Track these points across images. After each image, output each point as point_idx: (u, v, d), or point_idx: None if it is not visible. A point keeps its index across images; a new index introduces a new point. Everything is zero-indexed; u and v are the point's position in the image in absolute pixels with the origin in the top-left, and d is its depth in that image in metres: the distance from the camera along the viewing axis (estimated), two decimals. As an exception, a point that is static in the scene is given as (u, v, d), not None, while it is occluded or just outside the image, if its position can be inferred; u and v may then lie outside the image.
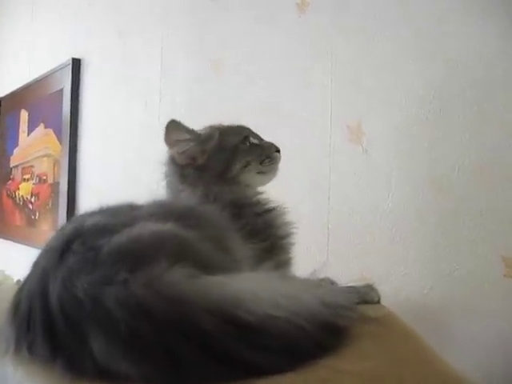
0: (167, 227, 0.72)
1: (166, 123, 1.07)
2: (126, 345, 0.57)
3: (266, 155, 1.12)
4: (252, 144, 1.12)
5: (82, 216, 0.81)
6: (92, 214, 0.80)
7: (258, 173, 1.11)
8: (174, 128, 1.07)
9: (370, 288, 1.04)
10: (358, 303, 0.95)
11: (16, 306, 0.67)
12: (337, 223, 1.41)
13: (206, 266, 0.67)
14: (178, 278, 0.62)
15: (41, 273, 0.66)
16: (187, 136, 1.09)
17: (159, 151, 2.11)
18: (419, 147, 1.24)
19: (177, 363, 0.56)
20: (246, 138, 1.11)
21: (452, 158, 1.17)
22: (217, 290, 0.62)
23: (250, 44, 1.73)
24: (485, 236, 1.11)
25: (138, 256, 0.64)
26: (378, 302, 1.03)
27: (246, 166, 1.09)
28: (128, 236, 0.67)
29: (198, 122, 1.97)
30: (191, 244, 0.72)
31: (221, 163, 1.08)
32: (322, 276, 1.09)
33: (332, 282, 1.09)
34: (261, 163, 1.11)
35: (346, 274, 1.29)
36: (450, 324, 1.19)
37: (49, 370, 0.62)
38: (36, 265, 0.70)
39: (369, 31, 1.36)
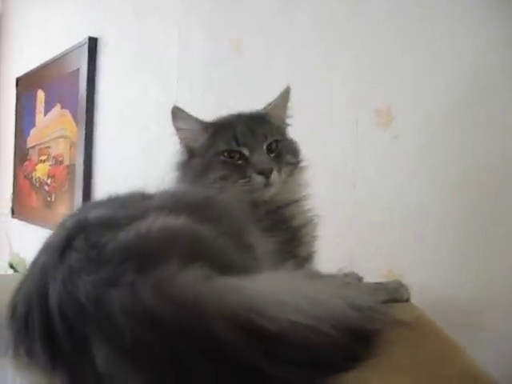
0: (180, 222, 0.65)
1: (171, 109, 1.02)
2: (131, 355, 0.51)
3: (243, 175, 0.95)
4: (233, 158, 0.97)
5: (86, 207, 0.75)
6: (98, 204, 0.73)
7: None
8: (176, 115, 1.01)
9: (399, 285, 0.97)
10: (387, 301, 0.89)
11: (13, 308, 0.61)
12: (362, 213, 1.33)
13: (223, 266, 0.60)
14: (192, 281, 0.55)
15: (39, 272, 0.60)
16: (186, 125, 1.02)
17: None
18: (454, 137, 1.16)
19: (188, 377, 0.50)
20: (227, 151, 0.97)
21: (489, 152, 1.09)
22: (234, 294, 0.55)
23: (272, 23, 1.65)
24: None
25: (147, 254, 0.58)
26: (408, 300, 0.96)
27: (222, 179, 0.96)
28: (136, 231, 0.61)
29: (215, 104, 1.93)
30: (207, 241, 0.65)
31: (199, 167, 0.99)
32: (347, 270, 1.03)
33: (359, 278, 1.03)
34: (236, 182, 0.96)
35: (371, 268, 1.22)
36: (482, 323, 1.11)
37: (49, 377, 0.56)
38: (35, 264, 0.64)
39: (400, 6, 1.27)
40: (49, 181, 3.17)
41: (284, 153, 1.01)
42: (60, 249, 0.61)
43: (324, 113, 1.44)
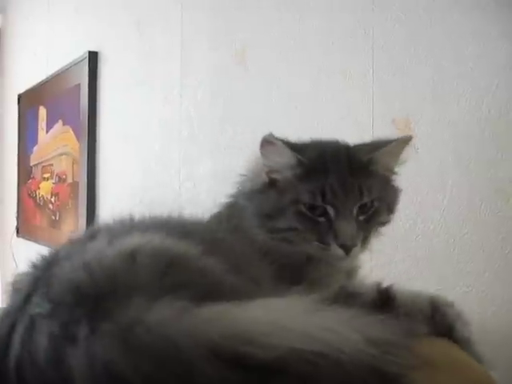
0: (155, 239, 0.56)
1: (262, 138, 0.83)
2: None
3: (321, 239, 0.80)
4: (315, 212, 0.80)
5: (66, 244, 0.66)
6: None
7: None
8: (268, 145, 0.82)
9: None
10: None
11: None
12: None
13: (209, 292, 0.51)
14: (165, 318, 0.46)
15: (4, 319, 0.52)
16: (277, 157, 0.83)
17: (180, 149, 1.98)
18: (480, 147, 1.06)
19: None
20: (309, 205, 0.80)
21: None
22: (220, 324, 0.47)
23: (279, 30, 1.56)
24: None
25: (103, 290, 0.48)
26: None
27: (293, 231, 0.81)
28: (82, 260, 0.51)
29: (221, 117, 1.85)
30: (187, 261, 0.55)
31: (272, 205, 0.82)
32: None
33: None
34: (309, 241, 0.81)
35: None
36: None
37: None
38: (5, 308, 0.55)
39: (417, 7, 1.17)
40: (53, 199, 3.09)
41: (378, 215, 0.84)
42: (25, 295, 0.52)
43: (337, 123, 1.35)
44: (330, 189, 0.79)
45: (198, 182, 1.84)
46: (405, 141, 0.87)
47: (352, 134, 1.30)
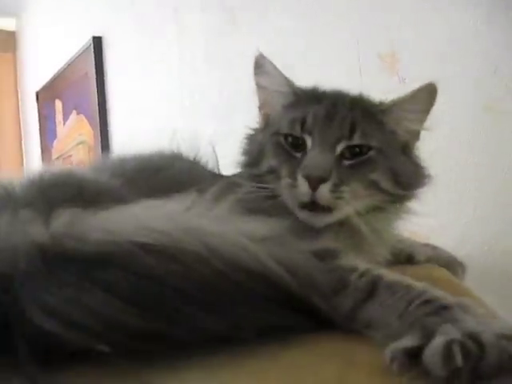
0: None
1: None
2: None
3: (290, 173, 0.70)
4: (295, 147, 0.72)
5: None
6: None
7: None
8: (259, 67, 0.77)
9: (454, 259, 0.87)
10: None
11: None
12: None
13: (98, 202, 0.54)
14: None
15: None
16: (268, 82, 0.77)
17: (183, 118, 1.97)
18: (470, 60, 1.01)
19: None
20: (289, 136, 0.72)
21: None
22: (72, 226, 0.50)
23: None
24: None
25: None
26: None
27: (270, 173, 0.73)
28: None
29: (219, 79, 1.82)
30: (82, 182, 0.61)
31: (257, 147, 0.77)
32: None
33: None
34: (281, 179, 0.71)
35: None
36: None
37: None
38: None
39: None
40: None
41: (370, 168, 0.70)
42: None
43: (326, 67, 1.31)
44: (312, 117, 0.70)
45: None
46: (428, 90, 0.72)
47: (340, 75, 1.26)
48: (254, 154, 0.77)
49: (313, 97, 0.75)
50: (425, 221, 1.09)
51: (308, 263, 0.52)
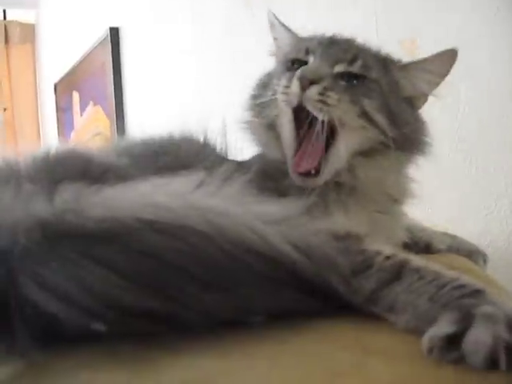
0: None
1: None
2: None
3: (286, 80, 0.69)
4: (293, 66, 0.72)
5: None
6: None
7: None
8: (270, 22, 0.83)
9: (475, 248, 0.85)
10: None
11: None
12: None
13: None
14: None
15: None
16: (277, 34, 0.82)
17: (202, 112, 1.95)
18: (491, 56, 0.97)
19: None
20: (296, 61, 0.73)
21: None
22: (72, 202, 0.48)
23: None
24: None
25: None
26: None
27: (271, 100, 0.72)
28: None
29: (233, 69, 1.80)
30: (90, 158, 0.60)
31: (261, 84, 0.78)
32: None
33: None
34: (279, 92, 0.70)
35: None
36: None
37: None
38: None
39: None
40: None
41: (366, 94, 0.69)
42: None
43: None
44: (316, 41, 0.73)
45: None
46: (448, 55, 0.71)
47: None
48: (260, 86, 0.78)
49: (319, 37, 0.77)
50: (445, 212, 1.07)
51: (324, 244, 0.49)
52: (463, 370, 0.36)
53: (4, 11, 4.10)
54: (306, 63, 0.71)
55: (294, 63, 0.72)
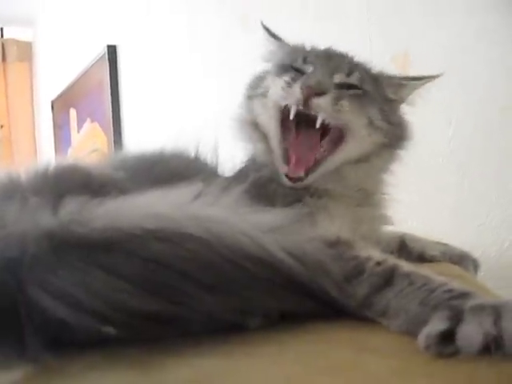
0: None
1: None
2: None
3: (285, 81, 0.74)
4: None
5: None
6: None
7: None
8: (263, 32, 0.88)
9: (466, 254, 0.87)
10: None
11: None
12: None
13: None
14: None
15: None
16: (270, 45, 0.87)
17: (200, 129, 1.98)
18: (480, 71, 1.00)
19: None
20: (291, 68, 0.77)
21: None
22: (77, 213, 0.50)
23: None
24: None
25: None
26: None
27: (265, 94, 0.79)
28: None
29: (230, 83, 1.83)
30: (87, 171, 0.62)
31: (253, 82, 0.85)
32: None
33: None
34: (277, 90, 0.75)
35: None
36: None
37: None
38: None
39: None
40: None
41: (366, 103, 0.76)
42: None
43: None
44: (314, 54, 0.78)
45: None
46: (428, 78, 0.81)
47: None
48: (252, 86, 0.83)
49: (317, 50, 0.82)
50: (439, 222, 1.09)
51: (317, 251, 0.52)
52: (454, 363, 0.38)
53: (1, 29, 4.14)
54: (302, 72, 0.75)
55: (289, 69, 0.76)
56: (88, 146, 3.05)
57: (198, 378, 0.40)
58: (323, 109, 0.70)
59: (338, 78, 0.74)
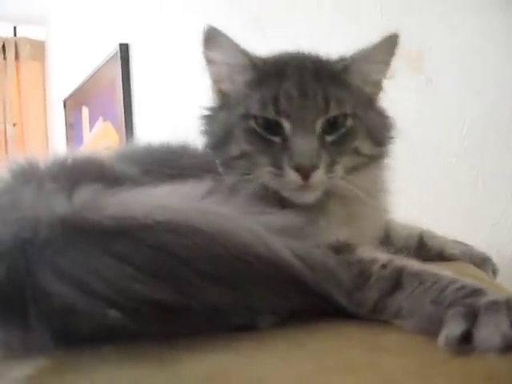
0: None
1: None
2: None
3: (273, 162, 0.65)
4: (268, 129, 0.67)
5: None
6: None
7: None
8: (210, 40, 0.75)
9: (485, 257, 0.85)
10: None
11: None
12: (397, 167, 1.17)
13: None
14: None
15: None
16: (222, 56, 0.74)
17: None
18: (494, 70, 0.99)
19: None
20: (261, 118, 0.67)
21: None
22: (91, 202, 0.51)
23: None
24: None
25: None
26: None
27: (243, 158, 0.69)
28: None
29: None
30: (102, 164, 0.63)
31: (222, 128, 0.72)
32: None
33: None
34: (263, 167, 0.66)
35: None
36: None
37: None
38: None
39: None
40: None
41: (352, 137, 0.68)
42: None
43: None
44: (285, 96, 0.65)
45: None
46: (389, 41, 0.70)
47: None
48: (218, 135, 0.72)
49: (275, 69, 0.70)
50: (453, 222, 1.08)
51: (326, 257, 0.52)
52: (471, 361, 0.38)
53: (14, 28, 4.18)
54: (278, 125, 0.66)
55: (259, 120, 0.67)
56: (100, 145, 3.06)
57: (212, 373, 0.41)
58: (321, 183, 0.64)
59: (319, 123, 0.66)
